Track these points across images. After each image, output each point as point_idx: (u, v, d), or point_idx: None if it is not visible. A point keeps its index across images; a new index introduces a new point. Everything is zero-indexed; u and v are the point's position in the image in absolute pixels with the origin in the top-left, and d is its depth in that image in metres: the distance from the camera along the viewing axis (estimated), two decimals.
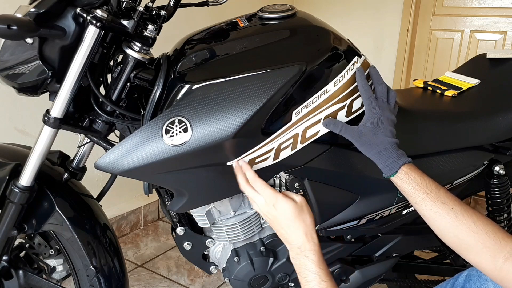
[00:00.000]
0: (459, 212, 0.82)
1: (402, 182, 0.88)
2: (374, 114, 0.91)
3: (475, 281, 0.91)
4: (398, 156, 0.89)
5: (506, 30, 2.58)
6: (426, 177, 0.87)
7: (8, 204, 1.03)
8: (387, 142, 0.89)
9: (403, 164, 0.88)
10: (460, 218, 0.81)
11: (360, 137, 0.91)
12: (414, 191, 0.86)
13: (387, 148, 0.89)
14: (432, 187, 0.86)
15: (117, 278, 1.16)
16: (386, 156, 0.89)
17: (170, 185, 0.99)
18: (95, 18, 0.85)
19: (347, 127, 0.91)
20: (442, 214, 0.83)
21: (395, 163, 0.88)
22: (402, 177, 0.87)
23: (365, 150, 0.91)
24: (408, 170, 0.87)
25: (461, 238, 0.81)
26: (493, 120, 1.13)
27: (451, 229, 0.82)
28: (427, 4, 2.76)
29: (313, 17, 1.03)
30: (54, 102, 0.94)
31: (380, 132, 0.90)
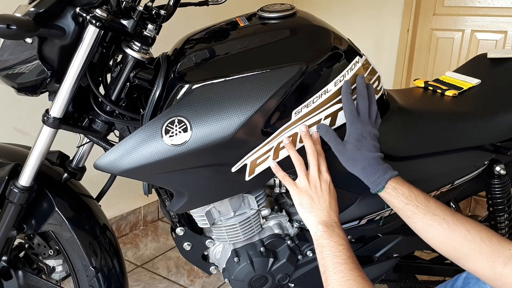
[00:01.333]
0: (452, 222, 0.81)
1: (391, 197, 0.87)
2: (355, 129, 0.90)
3: (473, 284, 0.90)
4: (384, 171, 0.88)
5: (506, 30, 2.57)
6: (414, 190, 0.86)
7: (8, 204, 1.03)
8: (371, 157, 0.88)
9: (390, 178, 0.87)
10: (453, 228, 0.80)
11: (344, 152, 0.90)
12: (403, 205, 0.85)
13: (371, 163, 0.88)
14: (421, 199, 0.84)
15: (117, 279, 1.16)
16: (371, 171, 0.88)
17: (169, 185, 0.99)
18: (94, 17, 0.85)
19: (336, 138, 0.91)
20: (434, 225, 0.82)
21: (381, 178, 0.87)
22: (390, 192, 0.86)
23: (349, 166, 0.91)
24: (396, 184, 0.86)
25: (457, 248, 0.80)
26: (494, 120, 1.13)
27: (446, 240, 0.81)
28: (427, 4, 2.76)
29: (313, 17, 1.03)
30: (54, 102, 0.94)
31: (364, 148, 0.89)
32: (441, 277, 1.45)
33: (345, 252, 0.84)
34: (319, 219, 0.88)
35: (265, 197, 1.09)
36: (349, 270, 0.81)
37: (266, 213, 1.11)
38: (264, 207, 1.10)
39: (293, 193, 0.92)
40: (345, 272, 0.81)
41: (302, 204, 0.90)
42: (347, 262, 0.83)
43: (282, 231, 1.13)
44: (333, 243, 0.85)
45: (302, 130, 0.91)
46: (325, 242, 0.85)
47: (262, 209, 1.10)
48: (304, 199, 0.90)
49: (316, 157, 0.90)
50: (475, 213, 2.35)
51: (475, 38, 2.67)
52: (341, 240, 0.86)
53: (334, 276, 0.81)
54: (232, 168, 0.91)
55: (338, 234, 0.86)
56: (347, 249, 0.85)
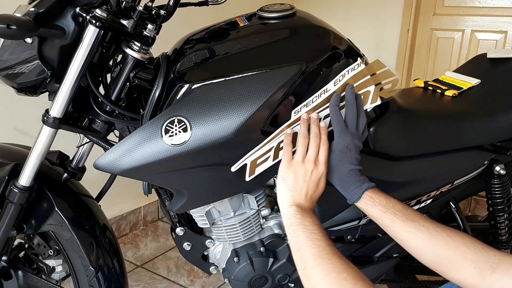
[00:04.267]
0: (432, 228, 0.80)
1: (368, 206, 0.86)
2: (342, 141, 0.89)
3: None
4: (361, 182, 0.87)
5: (506, 30, 2.57)
6: (391, 199, 0.86)
7: (8, 204, 1.03)
8: (351, 169, 0.88)
9: (367, 189, 0.87)
10: (434, 234, 0.79)
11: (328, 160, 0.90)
12: (381, 213, 0.84)
13: (349, 175, 0.88)
14: (399, 207, 0.84)
15: (117, 279, 1.16)
16: (348, 182, 0.88)
17: (169, 185, 0.99)
18: (94, 17, 0.85)
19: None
20: (414, 232, 0.81)
21: (358, 188, 0.87)
22: (367, 202, 0.86)
23: (329, 175, 0.90)
24: (372, 194, 0.86)
25: (440, 255, 0.78)
26: (493, 120, 1.13)
27: (427, 247, 0.79)
28: (427, 4, 2.76)
29: (313, 17, 1.03)
30: (54, 102, 0.94)
31: (346, 160, 0.89)
32: (441, 277, 1.45)
33: (321, 230, 0.81)
34: (295, 201, 0.86)
35: (265, 197, 1.09)
36: (327, 245, 0.79)
37: (266, 213, 1.11)
38: (264, 207, 1.10)
39: (283, 165, 0.88)
40: (324, 246, 0.78)
41: (285, 179, 0.87)
42: (325, 238, 0.80)
43: (282, 231, 1.13)
44: (307, 222, 0.82)
45: (313, 117, 0.89)
46: (298, 221, 0.83)
47: (262, 209, 1.10)
48: (290, 175, 0.87)
49: (317, 144, 0.88)
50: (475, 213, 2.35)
51: (475, 38, 2.67)
52: (315, 221, 0.83)
53: (312, 251, 0.78)
54: (232, 168, 0.91)
55: (311, 217, 0.84)
56: (322, 230, 0.82)
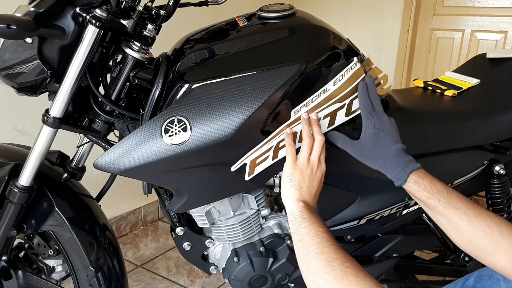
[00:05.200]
0: (472, 216, 0.81)
1: (413, 190, 0.87)
2: (371, 123, 0.89)
3: (486, 280, 0.90)
4: (405, 164, 0.87)
5: (506, 30, 2.58)
6: (437, 183, 0.86)
7: (8, 204, 1.03)
8: (391, 150, 0.88)
9: (411, 171, 0.86)
10: (473, 222, 0.80)
11: (362, 151, 0.90)
12: (425, 198, 0.85)
13: (391, 157, 0.88)
14: (443, 192, 0.84)
15: (117, 279, 1.16)
16: (392, 165, 0.87)
17: (169, 185, 0.99)
18: (94, 17, 0.85)
19: (348, 141, 0.91)
20: (455, 219, 0.82)
21: (402, 172, 0.86)
22: (412, 186, 0.86)
23: (370, 163, 0.90)
24: (417, 178, 0.86)
25: (475, 242, 0.80)
26: (493, 120, 1.13)
27: (465, 234, 0.81)
28: (427, 4, 2.76)
29: (312, 17, 1.03)
30: (54, 101, 0.94)
31: (382, 141, 0.89)
32: (441, 277, 1.45)
33: (326, 227, 0.82)
34: (302, 198, 0.86)
35: (265, 197, 1.09)
36: (332, 239, 0.80)
37: (265, 213, 1.11)
38: (264, 207, 1.10)
39: (288, 165, 0.89)
40: (329, 239, 0.79)
41: (291, 179, 0.88)
42: (329, 233, 0.81)
43: (282, 231, 1.13)
44: (314, 217, 0.83)
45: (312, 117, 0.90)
46: (305, 215, 0.83)
47: (261, 209, 1.10)
48: (296, 175, 0.87)
49: (321, 145, 0.89)
50: None
51: (475, 38, 2.67)
52: (321, 219, 0.84)
53: (317, 240, 0.79)
54: (231, 168, 0.91)
55: (317, 215, 0.85)
56: (327, 227, 0.83)
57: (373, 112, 0.90)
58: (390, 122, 0.91)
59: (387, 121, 0.90)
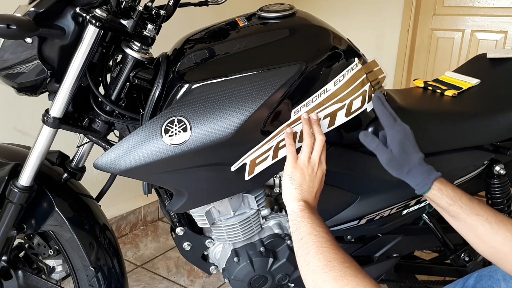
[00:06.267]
0: (494, 223, 0.81)
1: (436, 197, 0.87)
2: (397, 132, 0.90)
3: (486, 280, 0.90)
4: (428, 172, 0.88)
5: (506, 30, 2.58)
6: (458, 190, 0.87)
7: (8, 204, 1.03)
8: (416, 159, 0.89)
9: (435, 179, 0.87)
10: (495, 229, 0.81)
11: (391, 158, 0.90)
12: (447, 205, 0.86)
13: (416, 165, 0.89)
14: (465, 199, 0.85)
15: (117, 279, 1.16)
16: (417, 174, 0.88)
17: (169, 185, 0.99)
18: (94, 17, 0.85)
19: (382, 146, 0.91)
20: (476, 226, 0.82)
21: (427, 179, 0.87)
22: (436, 193, 0.87)
23: (395, 170, 0.91)
24: (441, 185, 0.87)
25: (496, 248, 0.81)
26: (493, 120, 1.13)
27: (487, 240, 0.82)
28: (427, 4, 2.76)
29: (312, 17, 1.03)
30: (54, 101, 0.94)
31: (407, 149, 0.89)
32: (441, 277, 1.45)
33: (327, 227, 0.82)
34: (303, 197, 0.86)
35: (265, 197, 1.09)
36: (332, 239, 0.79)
37: (266, 213, 1.11)
38: (264, 207, 1.10)
39: (289, 164, 0.89)
40: (329, 239, 0.79)
41: (292, 178, 0.88)
42: (330, 234, 0.81)
43: (282, 231, 1.13)
44: (314, 217, 0.83)
45: (312, 117, 0.91)
46: (306, 215, 0.83)
47: (262, 209, 1.10)
48: (297, 174, 0.87)
49: (322, 143, 0.89)
50: None
51: (475, 38, 2.67)
52: (322, 219, 0.84)
53: (316, 239, 0.79)
54: (231, 168, 0.91)
55: (318, 215, 0.84)
56: (328, 228, 0.82)
57: (396, 122, 0.92)
58: (411, 132, 0.92)
59: (409, 131, 0.92)
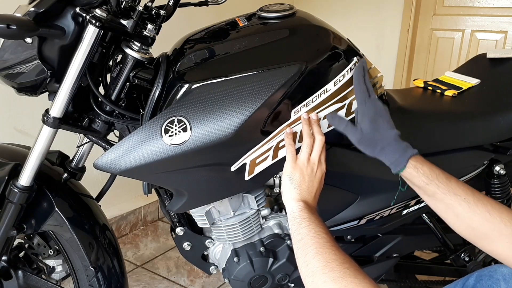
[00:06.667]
0: (472, 202, 0.79)
1: (412, 176, 0.85)
2: (368, 108, 0.88)
3: (486, 280, 0.89)
4: (404, 149, 0.85)
5: (506, 30, 2.58)
6: (435, 169, 0.84)
7: (8, 204, 1.03)
8: (390, 136, 0.87)
9: (410, 156, 0.85)
10: (473, 208, 0.79)
11: (362, 137, 0.88)
12: (424, 184, 0.83)
13: (390, 142, 0.86)
14: (442, 178, 0.83)
15: (117, 279, 1.16)
16: (391, 151, 0.86)
17: (169, 185, 0.99)
18: (94, 17, 0.85)
19: (351, 126, 0.90)
20: (454, 205, 0.81)
21: (402, 157, 0.85)
22: (411, 172, 0.84)
23: (368, 149, 0.89)
24: (416, 163, 0.84)
25: (475, 228, 0.79)
26: (493, 120, 1.13)
27: (465, 220, 0.80)
28: (427, 4, 2.76)
29: (312, 17, 1.03)
30: (53, 101, 0.94)
31: (381, 127, 0.87)
32: (441, 277, 1.45)
33: (326, 227, 0.81)
34: (302, 197, 0.86)
35: (265, 197, 1.09)
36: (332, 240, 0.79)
37: (265, 213, 1.11)
38: (264, 207, 1.10)
39: (288, 164, 0.89)
40: (328, 240, 0.78)
41: (291, 178, 0.87)
42: (329, 234, 0.80)
43: (282, 231, 1.13)
44: (314, 217, 0.82)
45: (312, 118, 0.90)
46: (305, 215, 0.83)
47: (262, 209, 1.10)
48: (296, 174, 0.87)
49: (321, 145, 0.89)
50: None
51: (475, 38, 2.67)
52: (321, 219, 0.83)
53: (316, 240, 0.78)
54: (231, 168, 0.91)
55: (317, 215, 0.84)
56: (327, 228, 0.82)
57: (369, 98, 0.89)
58: (385, 108, 0.90)
59: (382, 107, 0.89)
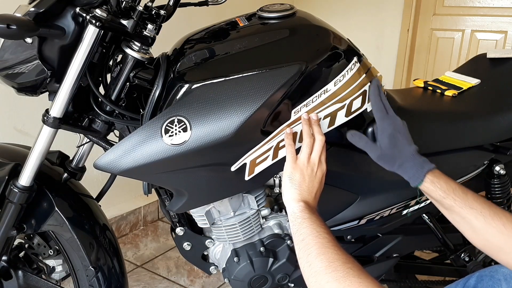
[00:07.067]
0: (488, 216, 0.81)
1: (429, 190, 0.87)
2: (388, 125, 0.91)
3: (487, 280, 0.89)
4: (421, 165, 0.88)
5: (506, 30, 2.58)
6: (452, 183, 0.86)
7: (8, 204, 1.03)
8: (408, 151, 0.89)
9: (428, 171, 0.87)
10: (489, 222, 0.80)
11: (381, 153, 0.91)
12: (441, 198, 0.85)
13: (408, 158, 0.89)
14: (459, 192, 0.85)
15: (117, 279, 1.16)
16: (409, 166, 0.88)
17: (169, 185, 0.99)
18: (94, 17, 0.85)
19: (371, 143, 0.92)
20: (470, 218, 0.82)
21: (419, 172, 0.87)
22: (429, 186, 0.87)
23: (387, 165, 0.91)
24: (433, 178, 0.87)
25: (490, 241, 0.81)
26: (493, 120, 1.13)
27: (481, 233, 0.82)
28: (427, 4, 2.76)
29: (313, 17, 1.03)
30: (54, 101, 0.94)
31: (399, 143, 0.90)
32: (441, 277, 1.45)
33: (327, 227, 0.82)
34: (303, 198, 0.87)
35: (265, 197, 1.09)
36: (334, 240, 0.79)
37: (266, 213, 1.11)
38: (264, 207, 1.10)
39: (288, 165, 0.89)
40: (330, 239, 0.79)
41: (291, 178, 0.88)
42: (330, 234, 0.80)
43: (282, 231, 1.13)
44: (314, 217, 0.83)
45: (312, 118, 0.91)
46: (306, 216, 0.83)
47: (262, 209, 1.10)
48: (296, 175, 0.88)
49: (322, 143, 0.90)
50: None
51: (475, 38, 2.67)
52: (322, 219, 0.84)
53: (318, 240, 0.78)
54: (231, 168, 0.91)
55: (318, 215, 0.84)
56: (328, 228, 0.82)
57: (387, 115, 0.92)
58: (403, 124, 0.92)
59: (401, 123, 0.92)
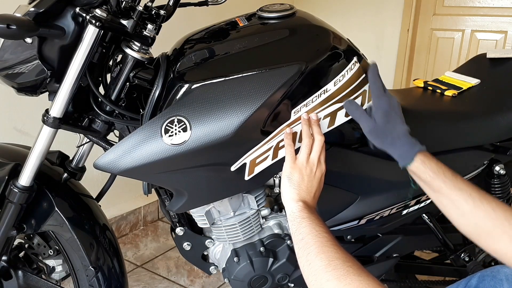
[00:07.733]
0: (477, 198, 0.80)
1: (418, 170, 0.86)
2: (384, 102, 0.91)
3: (489, 280, 0.89)
4: (413, 144, 0.88)
5: (506, 30, 2.58)
6: (441, 165, 0.85)
7: (7, 204, 1.03)
8: (400, 130, 0.89)
9: (418, 151, 0.86)
10: (478, 205, 0.79)
11: (374, 127, 0.90)
12: (430, 179, 0.84)
13: (400, 136, 0.88)
14: (448, 174, 0.84)
15: (117, 279, 1.16)
16: (400, 144, 0.88)
17: (169, 185, 0.99)
18: (94, 17, 0.85)
19: (365, 115, 0.91)
20: (460, 201, 0.81)
21: (410, 151, 0.87)
22: (418, 166, 0.86)
23: (378, 140, 0.90)
24: (424, 158, 0.86)
25: (478, 224, 0.79)
26: (493, 120, 1.13)
27: (470, 217, 0.80)
28: (427, 4, 2.76)
29: (312, 17, 1.03)
30: (53, 101, 0.94)
31: (392, 120, 0.90)
32: (441, 277, 1.45)
33: (326, 227, 0.82)
34: (302, 197, 0.86)
35: (265, 197, 1.09)
36: (333, 239, 0.79)
37: (265, 213, 1.11)
38: (264, 207, 1.10)
39: (287, 165, 0.89)
40: (330, 239, 0.79)
41: (290, 178, 0.88)
42: (330, 233, 0.80)
43: (282, 231, 1.13)
44: (314, 217, 0.83)
45: (312, 118, 0.91)
46: (305, 215, 0.83)
47: (261, 209, 1.10)
48: (295, 175, 0.88)
49: (320, 145, 0.89)
50: None
51: (475, 38, 2.67)
52: (321, 219, 0.84)
53: (317, 239, 0.78)
54: (231, 168, 0.91)
55: (317, 215, 0.84)
56: (327, 227, 0.82)
57: (384, 93, 0.92)
58: (398, 104, 0.92)
59: (396, 102, 0.92)
